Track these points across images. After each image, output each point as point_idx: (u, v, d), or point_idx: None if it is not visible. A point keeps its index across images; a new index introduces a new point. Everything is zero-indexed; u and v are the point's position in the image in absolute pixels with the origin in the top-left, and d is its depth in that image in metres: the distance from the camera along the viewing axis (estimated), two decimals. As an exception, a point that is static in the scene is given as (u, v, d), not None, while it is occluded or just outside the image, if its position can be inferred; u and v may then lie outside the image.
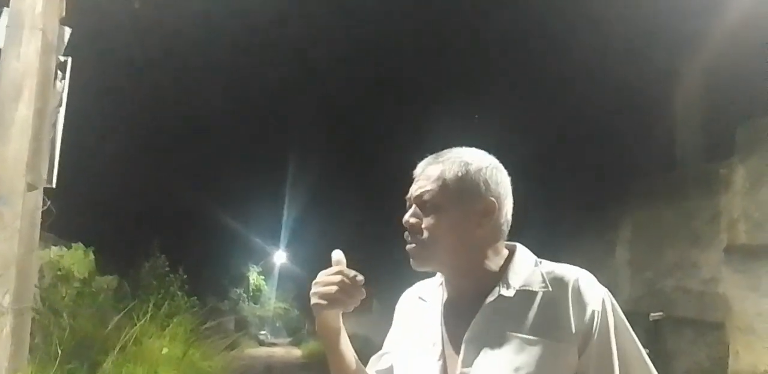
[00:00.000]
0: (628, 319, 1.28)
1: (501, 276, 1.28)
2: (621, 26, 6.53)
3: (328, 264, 1.32)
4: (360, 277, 1.28)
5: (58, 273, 6.20)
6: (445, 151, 1.36)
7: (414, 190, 1.33)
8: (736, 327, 5.34)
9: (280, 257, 36.92)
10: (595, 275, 1.30)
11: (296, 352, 27.58)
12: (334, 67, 11.13)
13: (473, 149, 1.36)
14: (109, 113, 8.96)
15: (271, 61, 10.97)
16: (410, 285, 1.50)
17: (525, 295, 1.25)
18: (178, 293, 11.05)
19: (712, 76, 6.41)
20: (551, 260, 1.35)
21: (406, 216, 1.32)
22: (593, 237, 7.76)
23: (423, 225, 1.29)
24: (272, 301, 38.81)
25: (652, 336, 6.01)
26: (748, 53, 5.56)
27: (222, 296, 24.23)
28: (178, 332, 8.12)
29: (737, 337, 5.30)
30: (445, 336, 1.31)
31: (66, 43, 4.26)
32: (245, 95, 12.41)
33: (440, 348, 1.29)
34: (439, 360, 1.28)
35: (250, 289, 33.38)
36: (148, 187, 12.72)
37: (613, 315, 1.25)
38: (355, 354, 1.39)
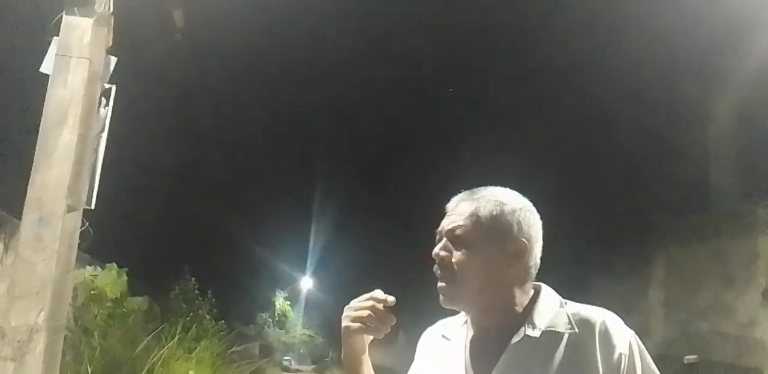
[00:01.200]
0: (660, 363, 1.26)
1: (526, 316, 1.28)
2: (655, 66, 6.53)
3: (354, 291, 1.34)
4: (391, 298, 1.30)
5: (92, 293, 6.27)
6: (480, 188, 1.36)
7: (446, 224, 1.33)
8: (773, 373, 5.16)
9: (306, 283, 36.95)
10: (626, 316, 1.29)
11: (319, 380, 27.24)
12: (368, 99, 11.27)
13: (507, 189, 1.37)
14: (147, 139, 9.16)
15: (307, 91, 11.16)
16: (437, 314, 1.49)
17: (551, 336, 1.24)
18: (207, 316, 11.07)
19: (746, 115, 6.34)
20: (582, 299, 1.34)
21: (436, 249, 1.32)
22: (626, 277, 7.61)
23: (453, 260, 1.29)
24: (298, 327, 38.54)
25: (686, 379, 5.83)
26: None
27: (248, 320, 24.22)
28: (205, 356, 8.11)
29: (774, 384, 5.12)
30: None
31: (111, 72, 4.41)
32: (279, 123, 12.61)
33: None
34: None
35: (276, 315, 33.29)
36: (182, 211, 12.92)
37: (641, 358, 1.23)
38: None
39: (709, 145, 6.86)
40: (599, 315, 1.26)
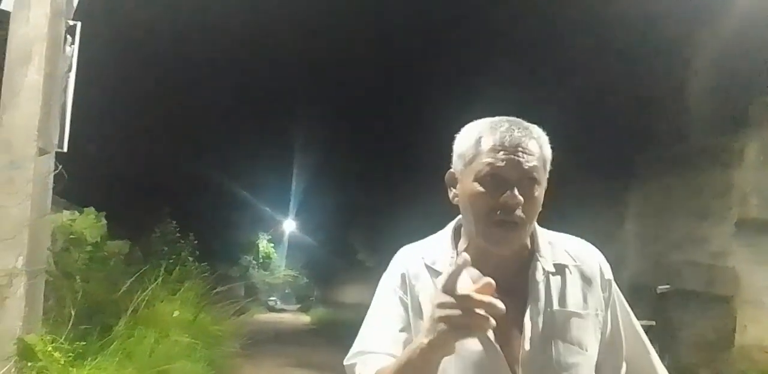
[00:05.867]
0: (635, 293, 1.31)
1: (532, 249, 1.26)
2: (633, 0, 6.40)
3: (335, 233, 1.28)
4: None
5: (71, 237, 6.23)
6: (519, 120, 1.26)
7: (515, 165, 1.18)
8: (744, 301, 5.36)
9: (289, 226, 37.18)
10: (602, 248, 1.33)
11: (305, 318, 28.08)
12: (347, 41, 10.96)
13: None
14: (119, 78, 8.89)
15: (286, 31, 10.83)
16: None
17: (560, 270, 1.25)
18: (189, 259, 11.14)
19: (726, 47, 6.29)
20: (558, 231, 1.34)
21: (518, 197, 1.16)
22: (601, 209, 7.73)
23: (527, 205, 1.18)
24: (282, 269, 39.25)
25: (659, 309, 6.03)
26: (763, 26, 5.46)
27: (232, 263, 24.49)
28: (189, 296, 8.20)
29: (745, 311, 5.32)
30: None
31: (75, 8, 4.23)
32: (256, 64, 12.30)
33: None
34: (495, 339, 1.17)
35: (260, 257, 33.73)
36: (160, 153, 12.76)
37: (614, 281, 1.30)
38: None
39: (688, 77, 6.83)
40: (588, 246, 1.31)
